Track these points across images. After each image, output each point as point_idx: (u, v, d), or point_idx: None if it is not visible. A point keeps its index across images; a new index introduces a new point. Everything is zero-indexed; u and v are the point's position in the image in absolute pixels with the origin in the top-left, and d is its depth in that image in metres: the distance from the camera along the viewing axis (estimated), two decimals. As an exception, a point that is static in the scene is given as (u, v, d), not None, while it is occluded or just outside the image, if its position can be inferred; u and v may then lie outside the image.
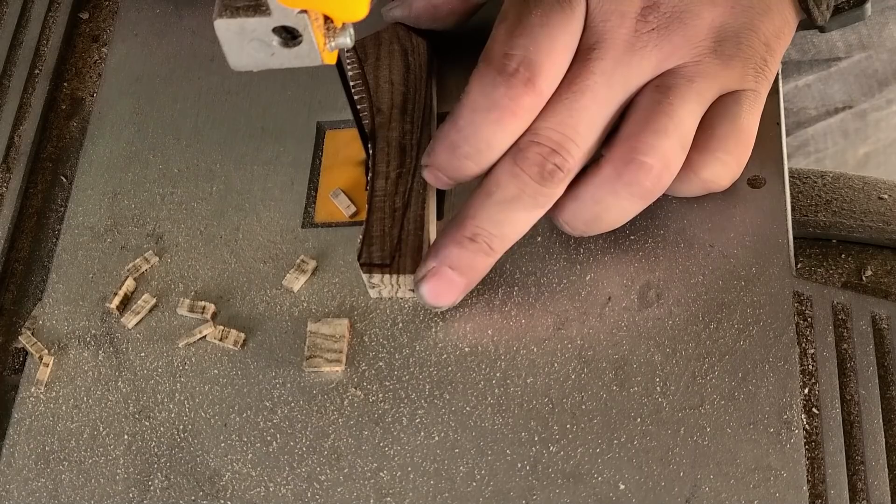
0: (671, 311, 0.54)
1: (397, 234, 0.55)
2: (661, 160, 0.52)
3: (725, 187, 0.55)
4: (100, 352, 0.58)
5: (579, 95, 0.52)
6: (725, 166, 0.54)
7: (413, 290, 0.55)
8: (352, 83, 0.59)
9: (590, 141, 0.53)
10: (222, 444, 0.54)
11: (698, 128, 0.53)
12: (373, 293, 0.56)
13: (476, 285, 0.55)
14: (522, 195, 0.52)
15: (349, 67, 0.60)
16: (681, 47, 0.53)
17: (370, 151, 0.58)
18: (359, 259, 0.55)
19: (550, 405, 0.52)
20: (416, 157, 0.58)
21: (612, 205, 0.53)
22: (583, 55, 0.53)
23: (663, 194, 0.54)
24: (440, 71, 0.62)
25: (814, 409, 0.51)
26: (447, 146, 0.53)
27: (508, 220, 0.53)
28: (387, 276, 0.55)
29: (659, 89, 0.53)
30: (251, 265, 0.59)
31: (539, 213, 0.53)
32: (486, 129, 0.52)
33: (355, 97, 0.59)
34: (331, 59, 0.49)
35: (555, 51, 0.52)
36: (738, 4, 0.54)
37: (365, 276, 0.55)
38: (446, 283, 0.53)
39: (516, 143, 0.52)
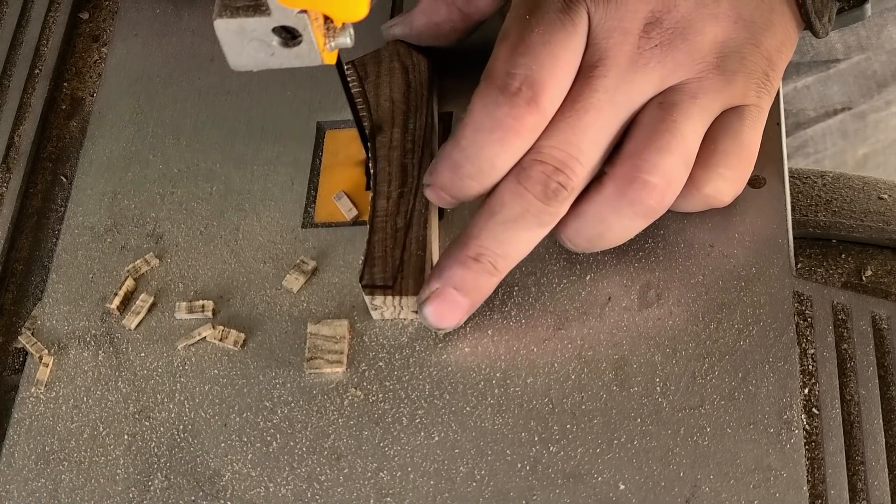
0: (671, 311, 0.54)
1: (399, 255, 0.55)
2: (664, 178, 0.52)
3: (728, 203, 0.55)
4: (100, 352, 0.58)
5: (582, 113, 0.52)
6: (728, 182, 0.54)
7: (416, 312, 0.55)
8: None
9: (593, 159, 0.52)
10: (222, 444, 0.54)
11: (701, 144, 0.53)
12: (375, 315, 0.56)
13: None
14: (526, 214, 0.52)
15: (350, 85, 0.59)
16: (684, 63, 0.53)
17: (370, 154, 0.58)
18: (360, 281, 0.55)
19: (550, 405, 0.52)
20: (417, 176, 0.57)
21: (615, 223, 0.53)
22: (585, 72, 0.52)
23: None
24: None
25: (814, 409, 0.51)
26: (450, 165, 0.53)
27: (512, 240, 0.53)
28: (389, 298, 0.55)
29: (662, 106, 0.53)
30: (251, 265, 0.59)
31: (543, 232, 0.53)
32: (489, 148, 0.52)
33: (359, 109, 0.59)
34: (331, 59, 0.49)
35: (557, 69, 0.52)
36: (741, 19, 0.54)
37: (367, 298, 0.55)
38: (450, 304, 0.53)
39: (520, 161, 0.52)
